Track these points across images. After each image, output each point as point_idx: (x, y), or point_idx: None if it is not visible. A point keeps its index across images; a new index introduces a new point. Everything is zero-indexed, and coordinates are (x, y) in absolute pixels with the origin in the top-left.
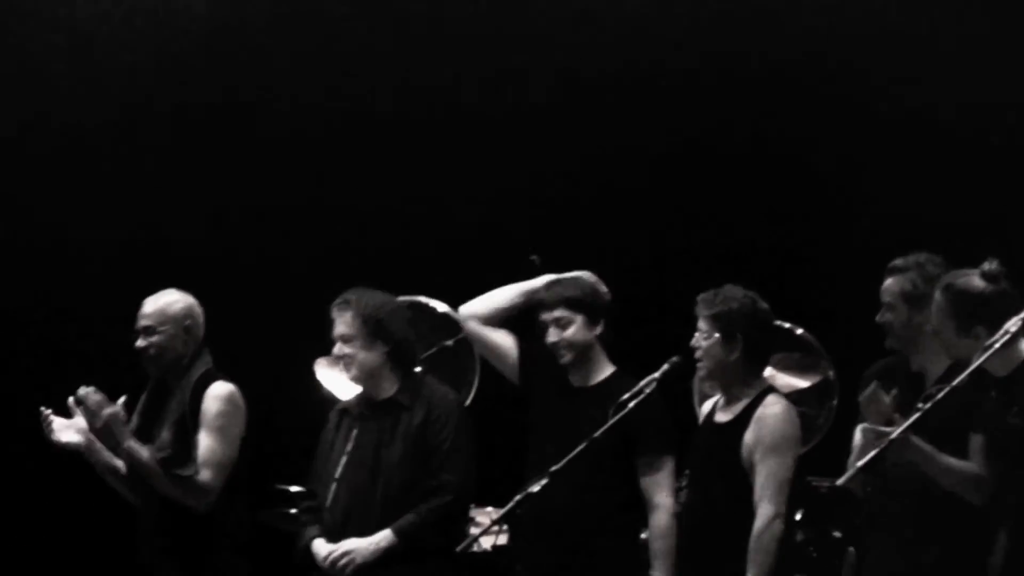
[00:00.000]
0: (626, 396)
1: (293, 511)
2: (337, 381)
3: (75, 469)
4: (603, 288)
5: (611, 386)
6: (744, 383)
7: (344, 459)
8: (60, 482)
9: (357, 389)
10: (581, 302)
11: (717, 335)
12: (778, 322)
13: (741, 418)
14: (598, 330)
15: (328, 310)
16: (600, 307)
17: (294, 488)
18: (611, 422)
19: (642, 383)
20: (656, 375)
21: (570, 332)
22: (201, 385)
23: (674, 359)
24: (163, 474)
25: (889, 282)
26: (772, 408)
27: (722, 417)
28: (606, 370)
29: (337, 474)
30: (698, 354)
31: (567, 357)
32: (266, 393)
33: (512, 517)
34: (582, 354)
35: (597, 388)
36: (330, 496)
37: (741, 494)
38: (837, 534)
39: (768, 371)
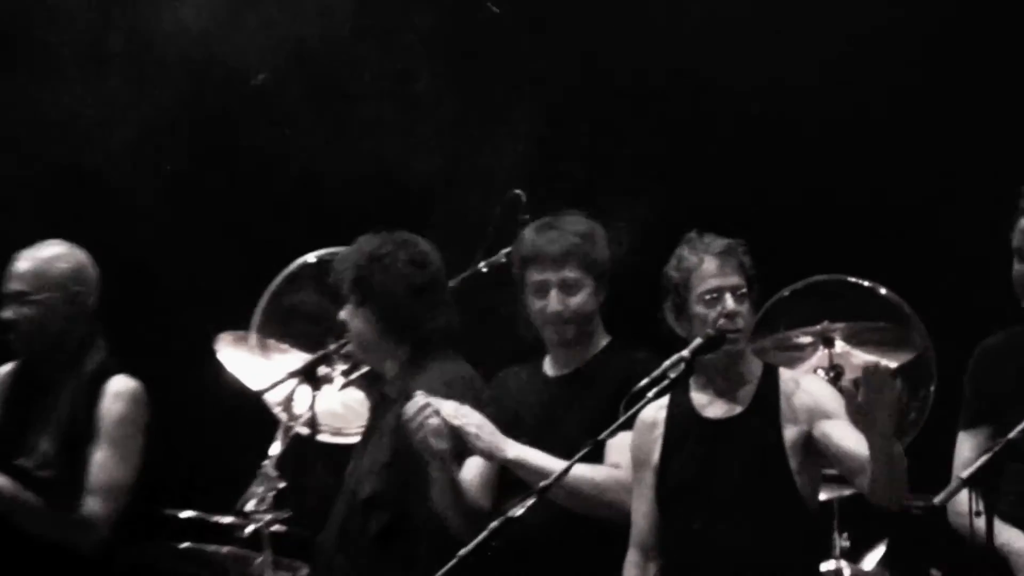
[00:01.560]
0: (644, 383)
1: (184, 545)
2: (244, 362)
3: None
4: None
5: (609, 362)
6: (750, 360)
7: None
8: None
9: (275, 371)
10: (596, 262)
11: (749, 299)
12: (854, 279)
13: (760, 403)
14: (602, 297)
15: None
16: (608, 268)
17: (185, 514)
18: (624, 418)
19: (666, 365)
20: (685, 353)
21: (578, 300)
22: (97, 380)
23: (709, 331)
24: (39, 509)
25: None
26: (810, 380)
27: (720, 411)
28: (601, 342)
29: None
30: (740, 322)
31: (568, 333)
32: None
33: (488, 551)
34: (584, 328)
35: (591, 366)
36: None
37: (788, 494)
38: (936, 573)
39: (839, 346)
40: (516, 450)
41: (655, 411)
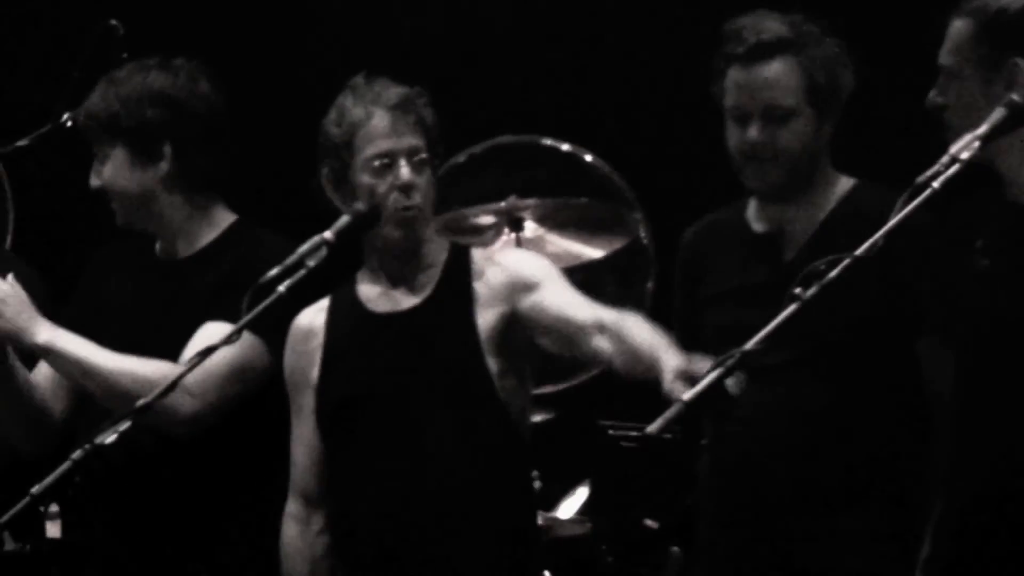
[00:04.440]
0: (274, 272)
1: None
2: None
3: None
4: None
5: (230, 247)
6: (432, 240)
7: None
8: None
9: None
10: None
11: (431, 166)
12: (549, 140)
13: (445, 290)
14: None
15: None
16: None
17: None
18: (247, 319)
19: (302, 249)
20: (327, 235)
21: (112, 173)
22: None
23: (357, 207)
24: None
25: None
26: (507, 252)
27: (393, 303)
28: (222, 222)
29: None
30: (417, 197)
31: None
32: None
33: (72, 491)
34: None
35: (207, 252)
36: None
37: (488, 405)
38: (651, 524)
39: (530, 228)
40: (48, 334)
41: (312, 316)
